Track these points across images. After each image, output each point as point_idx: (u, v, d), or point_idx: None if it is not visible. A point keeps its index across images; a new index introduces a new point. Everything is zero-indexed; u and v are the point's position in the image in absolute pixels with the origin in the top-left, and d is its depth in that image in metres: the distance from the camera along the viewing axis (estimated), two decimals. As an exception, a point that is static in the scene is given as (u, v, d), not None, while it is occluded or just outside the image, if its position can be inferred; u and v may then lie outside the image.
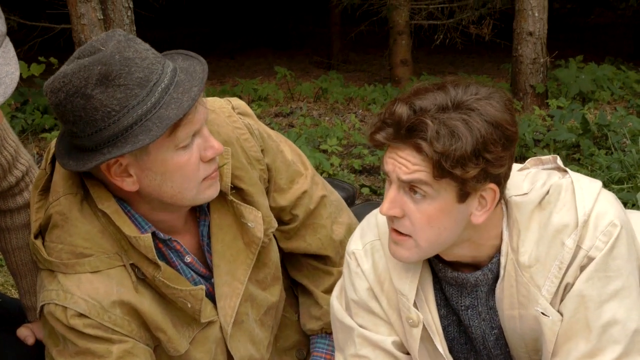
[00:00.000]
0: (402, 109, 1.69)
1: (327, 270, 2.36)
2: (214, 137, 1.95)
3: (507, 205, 1.86)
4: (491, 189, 1.74)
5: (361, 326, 2.02)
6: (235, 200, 2.09)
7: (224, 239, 2.11)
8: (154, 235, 2.01)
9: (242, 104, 2.22)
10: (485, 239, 1.85)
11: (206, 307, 2.09)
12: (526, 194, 1.85)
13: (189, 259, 2.09)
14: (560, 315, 1.84)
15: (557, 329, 1.84)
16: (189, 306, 2.04)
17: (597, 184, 1.87)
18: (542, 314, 1.85)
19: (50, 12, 7.69)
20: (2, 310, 2.43)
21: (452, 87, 1.72)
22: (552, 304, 1.84)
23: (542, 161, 1.98)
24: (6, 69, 1.68)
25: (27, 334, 2.27)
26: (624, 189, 4.47)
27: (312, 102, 7.72)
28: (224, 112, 2.15)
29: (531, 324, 1.89)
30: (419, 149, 1.68)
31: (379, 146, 1.76)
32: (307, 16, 13.86)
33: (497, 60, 10.31)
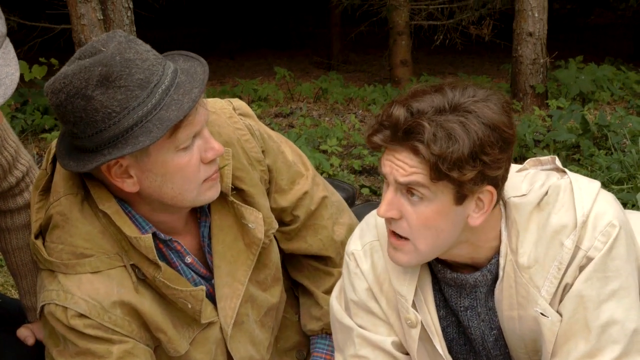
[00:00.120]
0: (399, 112, 1.69)
1: (328, 271, 2.35)
2: (214, 138, 1.95)
3: (505, 206, 1.85)
4: (488, 191, 1.74)
5: (360, 326, 2.02)
6: (236, 201, 2.09)
7: (225, 240, 2.11)
8: (155, 235, 2.01)
9: (244, 105, 2.22)
10: (483, 241, 1.85)
11: (206, 307, 2.09)
12: (525, 195, 1.85)
13: (189, 260, 2.09)
14: (559, 315, 1.84)
15: (556, 329, 1.84)
16: (189, 307, 2.04)
17: (596, 184, 1.87)
18: (542, 315, 1.85)
19: (50, 13, 7.69)
20: (2, 310, 2.42)
21: (449, 90, 1.72)
22: (552, 304, 1.84)
23: (541, 162, 1.98)
24: (6, 70, 1.68)
25: (27, 334, 2.27)
26: (623, 189, 4.47)
27: (312, 102, 7.72)
28: (225, 113, 2.14)
29: (530, 324, 1.89)
30: (416, 152, 1.68)
31: (376, 148, 1.76)
32: (307, 17, 13.87)
33: (497, 60, 10.32)
